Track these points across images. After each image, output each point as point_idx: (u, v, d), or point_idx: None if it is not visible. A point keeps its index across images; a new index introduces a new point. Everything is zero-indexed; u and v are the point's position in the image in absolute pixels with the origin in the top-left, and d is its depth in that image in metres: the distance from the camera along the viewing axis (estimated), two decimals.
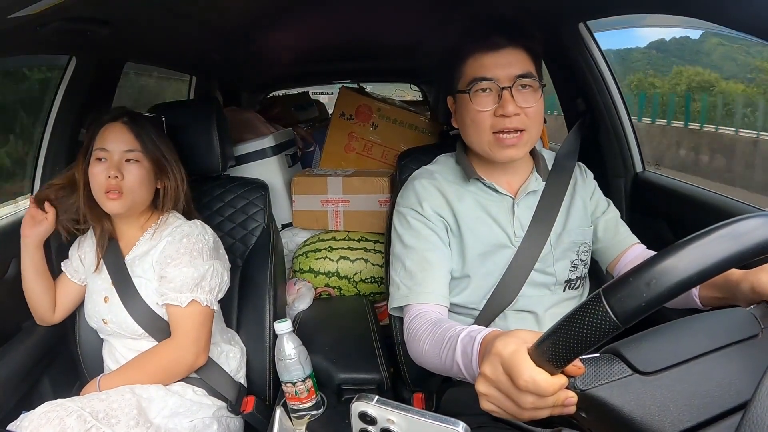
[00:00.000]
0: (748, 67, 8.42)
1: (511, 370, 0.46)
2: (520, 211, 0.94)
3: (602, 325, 0.40)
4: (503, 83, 0.84)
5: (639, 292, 0.39)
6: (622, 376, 0.44)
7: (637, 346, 0.46)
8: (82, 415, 0.82)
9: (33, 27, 0.84)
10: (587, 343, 0.41)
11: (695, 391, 0.43)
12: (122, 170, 0.97)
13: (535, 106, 0.86)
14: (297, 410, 0.97)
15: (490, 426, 0.76)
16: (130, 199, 0.99)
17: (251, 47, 1.71)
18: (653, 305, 0.39)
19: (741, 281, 0.63)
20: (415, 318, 0.84)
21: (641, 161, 1.28)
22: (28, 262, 1.06)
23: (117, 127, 0.99)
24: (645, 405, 0.43)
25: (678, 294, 0.39)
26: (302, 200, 1.64)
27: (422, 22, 1.48)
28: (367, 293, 1.58)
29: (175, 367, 0.98)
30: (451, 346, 0.70)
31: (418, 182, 0.96)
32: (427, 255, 0.89)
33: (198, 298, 0.97)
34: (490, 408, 0.49)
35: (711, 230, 0.40)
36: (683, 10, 0.88)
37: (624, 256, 0.96)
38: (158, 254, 1.00)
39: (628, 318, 0.39)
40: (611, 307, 0.39)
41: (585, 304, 0.41)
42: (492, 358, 0.48)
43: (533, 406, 0.45)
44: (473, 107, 0.86)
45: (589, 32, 1.21)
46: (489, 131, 0.86)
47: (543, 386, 0.44)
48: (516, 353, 0.46)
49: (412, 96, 3.96)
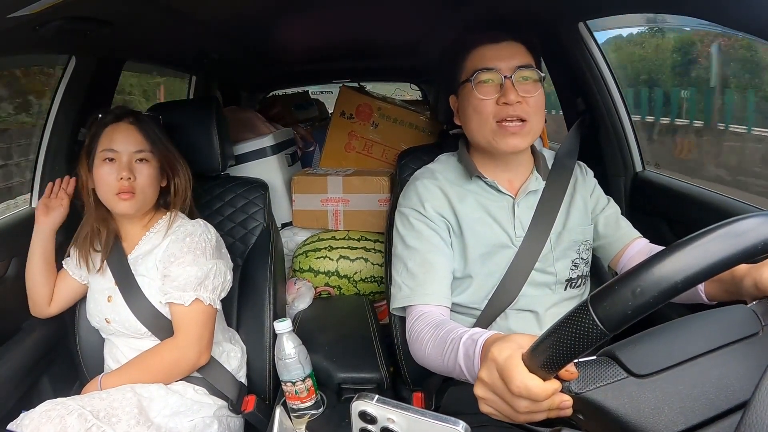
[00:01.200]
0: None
1: (504, 376, 0.47)
2: (521, 211, 0.94)
3: (590, 333, 0.40)
4: (504, 73, 0.87)
5: (625, 300, 0.39)
6: (616, 379, 0.44)
7: (632, 348, 0.46)
8: (83, 413, 0.83)
9: (33, 27, 0.84)
10: (577, 350, 0.41)
11: (690, 393, 0.43)
12: (133, 171, 0.97)
13: (536, 96, 0.88)
14: (297, 410, 0.97)
15: (491, 425, 0.76)
16: (141, 199, 0.99)
17: (251, 47, 1.71)
18: (639, 313, 0.39)
19: (745, 276, 0.62)
20: (417, 320, 0.85)
21: (641, 160, 1.28)
22: (39, 248, 1.07)
23: (124, 127, 0.99)
24: (639, 408, 0.43)
25: (664, 301, 0.39)
26: (302, 199, 1.64)
27: (422, 22, 1.48)
28: (366, 293, 1.58)
29: (178, 365, 0.98)
30: (454, 349, 0.70)
31: (420, 182, 0.96)
32: (429, 256, 0.90)
33: (201, 296, 0.97)
34: (488, 411, 0.51)
35: (697, 236, 0.39)
36: (683, 10, 0.88)
37: (627, 250, 0.96)
38: (162, 253, 1.00)
39: (614, 326, 0.40)
40: (598, 315, 0.40)
41: (572, 313, 0.42)
42: (488, 363, 0.50)
43: (528, 410, 0.46)
44: (476, 96, 0.88)
45: (589, 32, 1.21)
46: (492, 120, 0.87)
47: (535, 392, 0.45)
48: (510, 359, 0.47)
49: (412, 95, 3.96)
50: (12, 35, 0.86)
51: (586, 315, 0.40)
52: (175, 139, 1.09)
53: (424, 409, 0.49)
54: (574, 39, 1.20)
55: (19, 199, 4.20)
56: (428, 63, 2.11)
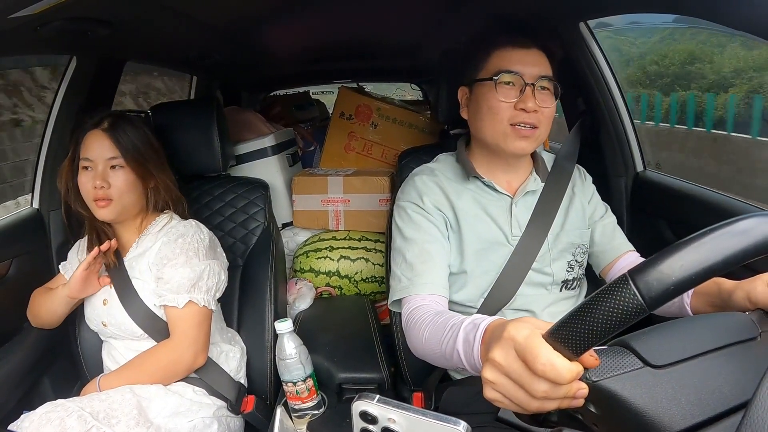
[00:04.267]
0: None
1: (526, 354, 0.43)
2: (518, 210, 0.94)
3: (628, 308, 0.38)
4: (527, 79, 0.87)
5: (668, 274, 0.37)
6: (633, 369, 0.43)
7: (645, 339, 0.45)
8: (83, 415, 0.83)
9: (33, 27, 0.84)
10: (611, 328, 0.39)
11: (705, 386, 0.42)
12: (108, 178, 0.97)
13: (550, 108, 0.89)
14: (298, 410, 0.97)
15: (490, 426, 0.76)
16: (120, 204, 0.99)
17: (252, 47, 1.71)
18: (681, 290, 0.38)
19: (734, 290, 0.64)
20: (416, 308, 0.84)
21: (642, 161, 1.28)
22: (62, 312, 1.05)
23: (97, 135, 0.99)
24: (656, 398, 0.42)
25: (707, 278, 0.38)
26: (303, 200, 1.64)
27: (423, 22, 1.48)
28: (367, 293, 1.58)
29: (174, 367, 0.98)
30: (453, 334, 0.68)
31: (418, 178, 0.97)
32: (427, 247, 0.90)
33: (195, 298, 0.97)
34: (494, 397, 0.47)
35: (745, 217, 0.39)
36: (683, 9, 0.88)
37: (618, 262, 0.97)
38: (154, 255, 1.01)
39: (654, 301, 0.38)
40: (639, 289, 0.38)
41: (611, 286, 0.39)
42: (504, 342, 0.46)
43: (545, 395, 0.43)
44: (496, 96, 0.88)
45: (590, 31, 1.21)
46: (506, 122, 0.88)
47: (561, 371, 0.41)
48: (532, 337, 0.44)
49: (412, 95, 3.96)
50: (13, 36, 0.86)
51: (625, 288, 0.38)
52: (176, 139, 1.09)
53: (424, 409, 0.48)
54: (574, 39, 1.20)
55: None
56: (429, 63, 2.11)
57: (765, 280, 0.58)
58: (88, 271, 0.99)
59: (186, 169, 1.22)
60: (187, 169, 1.23)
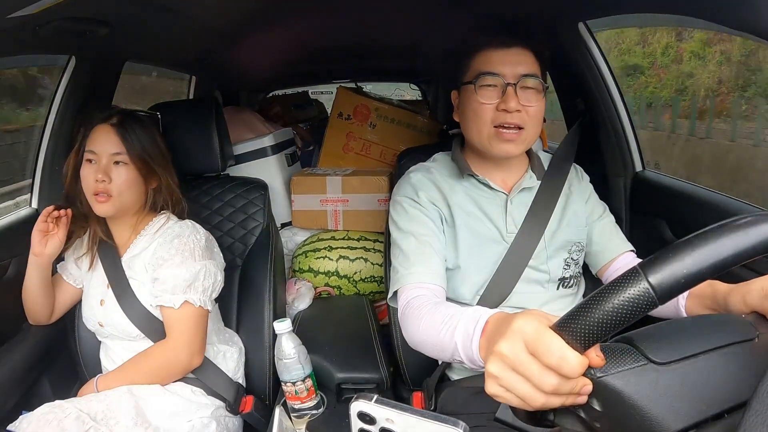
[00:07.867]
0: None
1: (538, 347, 0.42)
2: (513, 207, 0.94)
3: (639, 301, 0.38)
4: (508, 80, 0.86)
5: (680, 267, 0.38)
6: (637, 365, 0.43)
7: (648, 336, 0.45)
8: (81, 416, 0.83)
9: (32, 27, 0.84)
10: (620, 321, 0.39)
11: (707, 384, 0.42)
12: (110, 173, 0.97)
13: (536, 106, 0.88)
14: (297, 410, 0.97)
15: (490, 426, 0.75)
16: (119, 201, 0.98)
17: (251, 47, 1.71)
18: (692, 283, 0.38)
19: (730, 293, 0.64)
20: (414, 298, 0.83)
21: (641, 160, 1.28)
22: (36, 279, 1.03)
23: (105, 129, 0.99)
24: (660, 395, 0.42)
25: (719, 273, 0.38)
26: (301, 200, 1.64)
27: (422, 22, 1.48)
28: (366, 292, 1.58)
29: (170, 368, 0.98)
30: (452, 325, 0.67)
31: (413, 174, 0.98)
32: (423, 238, 0.90)
33: (191, 299, 0.97)
34: (497, 392, 0.45)
35: (750, 216, 0.39)
36: (684, 10, 0.88)
37: (615, 262, 0.97)
38: (150, 256, 1.00)
39: (665, 294, 0.38)
40: (650, 282, 0.38)
41: (621, 279, 0.39)
42: (512, 335, 0.44)
43: (553, 390, 0.42)
44: (477, 99, 0.88)
45: (589, 32, 1.21)
46: (490, 124, 0.88)
47: (572, 364, 0.41)
48: (543, 330, 0.43)
49: (411, 96, 3.96)
50: (12, 35, 0.86)
51: (637, 281, 0.38)
52: (175, 139, 1.09)
53: (423, 409, 0.48)
54: (574, 39, 1.20)
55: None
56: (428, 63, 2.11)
57: (760, 285, 0.58)
58: (45, 224, 0.99)
59: (185, 168, 1.22)
60: (186, 169, 1.23)
